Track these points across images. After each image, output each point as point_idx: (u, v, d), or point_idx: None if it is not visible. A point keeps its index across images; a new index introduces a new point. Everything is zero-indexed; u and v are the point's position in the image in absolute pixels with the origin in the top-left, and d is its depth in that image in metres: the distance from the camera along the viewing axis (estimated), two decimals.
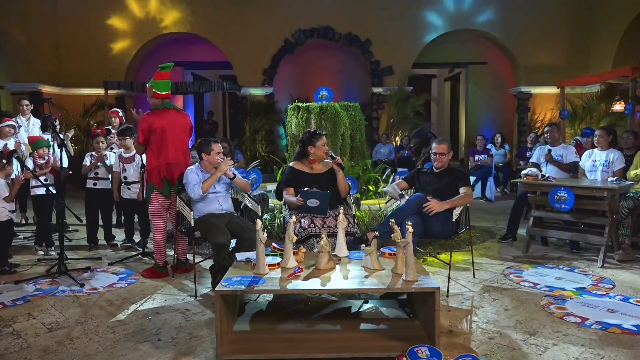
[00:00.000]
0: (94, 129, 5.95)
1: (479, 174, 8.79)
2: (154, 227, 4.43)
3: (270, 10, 11.35)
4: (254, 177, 5.78)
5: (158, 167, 4.28)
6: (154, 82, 4.33)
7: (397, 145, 11.10)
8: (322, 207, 3.88)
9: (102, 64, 11.18)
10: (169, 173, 4.30)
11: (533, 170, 5.33)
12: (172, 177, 4.29)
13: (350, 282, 2.93)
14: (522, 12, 11.27)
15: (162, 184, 4.29)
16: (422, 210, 3.89)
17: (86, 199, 5.64)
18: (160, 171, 4.28)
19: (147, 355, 2.89)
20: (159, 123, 4.25)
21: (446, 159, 4.23)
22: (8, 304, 3.75)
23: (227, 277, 3.01)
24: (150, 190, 4.33)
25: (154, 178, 4.30)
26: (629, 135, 5.62)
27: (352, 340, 2.95)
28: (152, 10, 11.27)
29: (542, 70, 11.29)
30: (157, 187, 4.29)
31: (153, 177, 4.31)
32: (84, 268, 4.66)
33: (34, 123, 6.74)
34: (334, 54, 12.24)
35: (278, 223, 5.22)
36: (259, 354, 2.77)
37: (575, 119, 10.40)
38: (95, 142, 5.66)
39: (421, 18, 11.33)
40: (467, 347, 2.95)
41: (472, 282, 4.20)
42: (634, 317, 3.35)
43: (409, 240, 2.88)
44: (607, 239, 4.71)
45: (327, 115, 6.19)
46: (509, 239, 5.68)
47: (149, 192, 4.34)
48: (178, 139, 4.37)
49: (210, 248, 4.67)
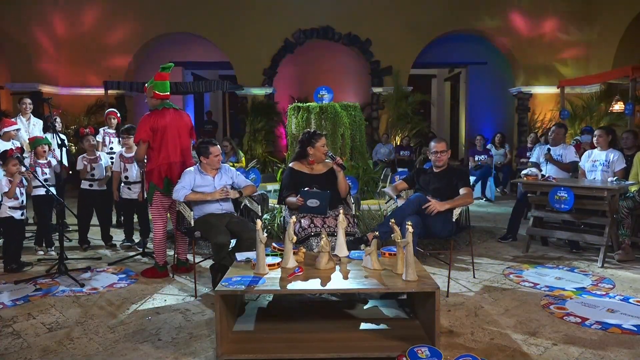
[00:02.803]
0: (82, 129, 5.93)
1: (479, 174, 8.79)
2: (154, 226, 4.43)
3: (270, 10, 11.34)
4: (253, 177, 5.79)
5: (159, 167, 4.29)
6: (154, 82, 4.32)
7: (397, 145, 11.10)
8: (322, 207, 3.87)
9: (102, 64, 11.18)
10: (170, 172, 4.30)
11: (533, 170, 5.34)
12: (172, 176, 4.29)
13: (350, 282, 2.93)
14: (522, 12, 11.27)
15: (163, 184, 4.29)
16: (422, 210, 3.89)
17: (79, 200, 5.58)
18: (161, 171, 4.29)
19: (147, 355, 2.89)
20: (160, 123, 4.26)
21: (446, 157, 4.23)
22: (8, 304, 3.75)
23: (227, 277, 3.01)
24: (152, 191, 4.33)
25: (155, 178, 4.30)
26: (628, 135, 5.61)
27: (352, 340, 2.94)
28: (152, 10, 11.26)
29: (542, 70, 11.29)
30: (158, 186, 4.30)
31: (154, 177, 4.31)
32: (84, 268, 4.67)
33: (34, 123, 6.72)
34: (334, 54, 12.23)
35: (278, 223, 5.22)
36: (259, 354, 2.77)
37: (575, 119, 10.40)
38: (85, 141, 5.57)
39: (421, 18, 11.32)
40: (467, 347, 2.95)
41: (472, 282, 4.20)
42: (634, 317, 3.35)
43: (409, 240, 2.88)
44: (607, 239, 4.71)
45: (327, 115, 6.18)
46: (509, 239, 5.68)
47: (151, 192, 4.34)
48: (178, 139, 4.38)
49: (210, 248, 4.67)
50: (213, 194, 4.05)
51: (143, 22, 11.32)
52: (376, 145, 10.84)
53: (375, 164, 8.60)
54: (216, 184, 4.16)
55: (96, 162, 5.52)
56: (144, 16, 11.30)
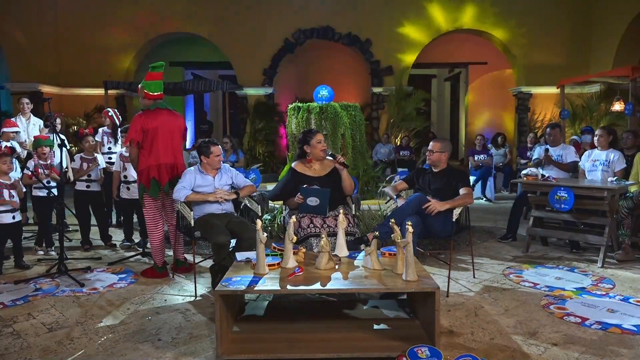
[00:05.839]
0: (82, 129, 5.94)
1: (479, 174, 8.79)
2: (150, 234, 4.40)
3: (270, 10, 11.34)
4: (253, 177, 5.78)
5: (148, 168, 4.23)
6: (145, 82, 4.28)
7: (397, 145, 11.10)
8: (322, 205, 3.86)
9: (102, 64, 11.16)
10: (159, 174, 4.24)
11: (533, 170, 5.33)
12: (160, 178, 4.24)
13: (350, 282, 2.93)
14: (522, 12, 11.27)
15: (150, 185, 4.23)
16: (422, 210, 3.89)
17: (76, 201, 5.56)
18: (149, 172, 4.22)
19: (147, 355, 2.89)
20: (151, 124, 4.20)
21: (437, 157, 4.21)
22: (8, 304, 3.75)
23: (227, 277, 3.01)
24: (142, 192, 4.29)
25: (143, 179, 4.26)
26: (628, 135, 5.62)
27: (352, 340, 2.94)
28: (152, 10, 11.26)
29: (542, 70, 11.28)
30: (145, 187, 4.24)
31: (142, 178, 4.27)
32: (84, 268, 4.66)
33: (34, 123, 6.73)
34: (334, 54, 12.23)
35: (278, 223, 5.22)
36: (259, 354, 2.77)
37: (575, 119, 10.39)
38: (85, 142, 5.57)
39: (421, 18, 11.32)
40: (467, 347, 2.95)
41: (472, 282, 4.20)
42: (634, 317, 3.35)
43: (409, 240, 2.88)
44: (607, 239, 4.71)
45: (327, 115, 6.18)
46: (509, 239, 5.69)
47: (140, 193, 4.31)
48: (170, 140, 4.31)
49: (210, 248, 4.67)
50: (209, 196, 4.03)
51: (143, 22, 11.32)
52: (376, 145, 10.84)
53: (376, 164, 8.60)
54: (216, 184, 4.15)
55: (93, 162, 5.52)
56: (144, 16, 11.30)
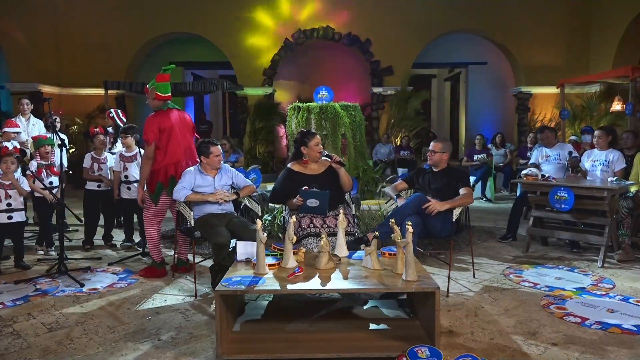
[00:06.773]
0: (92, 128, 5.96)
1: (479, 174, 8.79)
2: (146, 230, 4.44)
3: (270, 10, 11.35)
4: (253, 177, 5.78)
5: (166, 167, 4.30)
6: (156, 84, 4.34)
7: (397, 145, 11.10)
8: (321, 207, 3.87)
9: (102, 64, 11.16)
10: (176, 171, 4.31)
11: (533, 170, 5.33)
12: (177, 175, 4.29)
13: (350, 282, 2.93)
14: (522, 12, 11.27)
15: (168, 183, 4.29)
16: (422, 210, 3.89)
17: (86, 201, 5.60)
18: (167, 170, 4.30)
19: (147, 355, 2.89)
20: (167, 123, 4.30)
21: (439, 157, 4.22)
22: (8, 304, 3.75)
23: (227, 277, 3.01)
24: (160, 190, 4.33)
25: (161, 177, 4.31)
26: (628, 135, 5.61)
27: (352, 340, 2.94)
28: (151, 10, 11.26)
29: (542, 70, 11.28)
30: (164, 185, 4.30)
31: (160, 176, 4.31)
32: (84, 268, 4.66)
33: (34, 123, 6.73)
34: (334, 54, 12.23)
35: (278, 223, 5.22)
36: (259, 354, 2.77)
37: (575, 119, 10.39)
38: (96, 140, 5.64)
39: (421, 18, 11.32)
40: (467, 347, 2.95)
41: (472, 282, 4.20)
42: (634, 317, 3.35)
43: (409, 240, 2.88)
44: (607, 239, 4.71)
45: (327, 115, 6.19)
46: (509, 239, 5.68)
47: (158, 192, 4.33)
48: (184, 138, 4.43)
49: (210, 248, 4.67)
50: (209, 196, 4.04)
51: (143, 22, 11.32)
52: (376, 145, 10.84)
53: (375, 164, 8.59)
54: (216, 184, 4.15)
55: (103, 162, 5.56)
56: (144, 16, 11.30)
